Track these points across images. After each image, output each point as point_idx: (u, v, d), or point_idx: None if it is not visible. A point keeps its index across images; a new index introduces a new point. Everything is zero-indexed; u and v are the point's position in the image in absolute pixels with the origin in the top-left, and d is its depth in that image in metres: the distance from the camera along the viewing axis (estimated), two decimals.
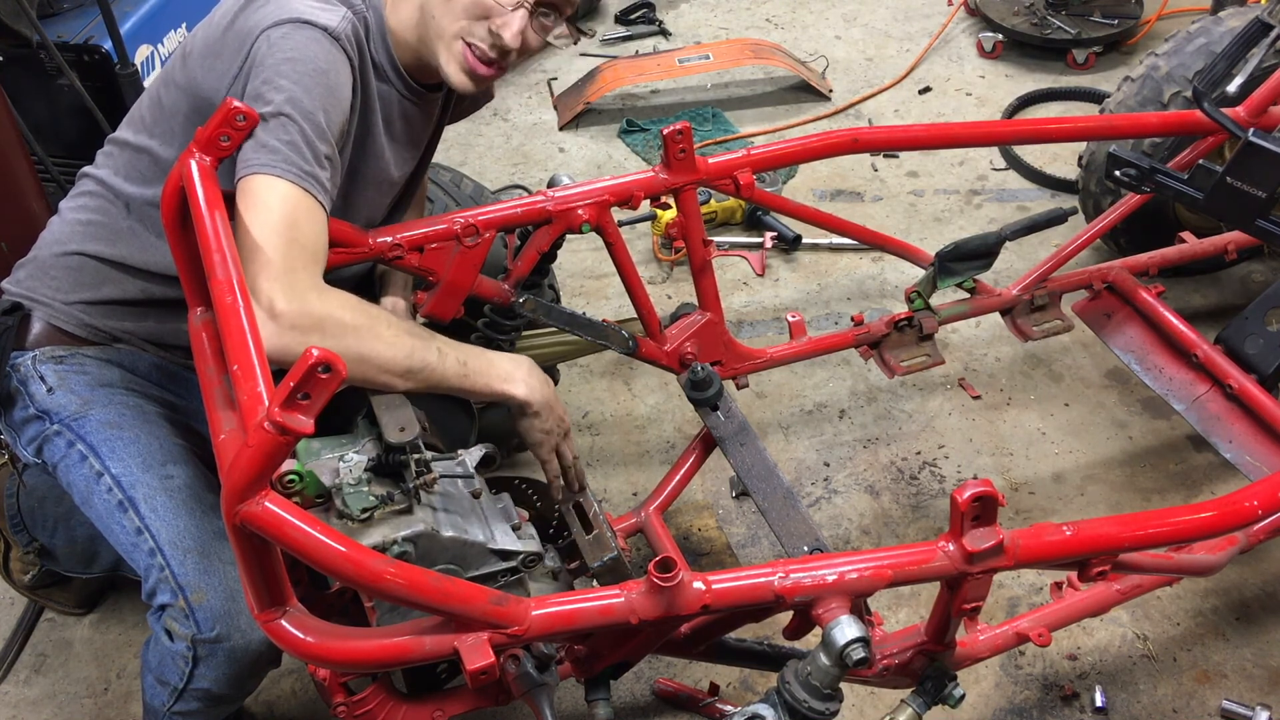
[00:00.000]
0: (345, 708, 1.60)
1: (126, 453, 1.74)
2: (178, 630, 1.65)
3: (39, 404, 1.80)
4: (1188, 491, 2.62)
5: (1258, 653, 2.27)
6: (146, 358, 1.92)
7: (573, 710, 2.15)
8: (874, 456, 2.73)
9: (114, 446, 1.74)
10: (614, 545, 1.77)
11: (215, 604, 1.64)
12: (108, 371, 1.86)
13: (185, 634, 1.64)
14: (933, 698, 1.68)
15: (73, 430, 1.76)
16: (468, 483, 1.68)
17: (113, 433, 1.76)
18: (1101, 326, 2.58)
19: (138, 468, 1.72)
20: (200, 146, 1.59)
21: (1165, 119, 2.39)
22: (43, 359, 1.84)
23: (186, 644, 1.64)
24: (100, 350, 1.88)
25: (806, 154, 2.19)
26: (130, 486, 1.71)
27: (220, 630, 1.63)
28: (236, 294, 1.38)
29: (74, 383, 1.82)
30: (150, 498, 1.70)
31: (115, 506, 1.71)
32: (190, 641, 1.64)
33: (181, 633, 1.64)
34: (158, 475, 1.72)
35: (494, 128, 4.02)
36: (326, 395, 1.11)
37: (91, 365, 1.86)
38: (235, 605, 1.64)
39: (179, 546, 1.66)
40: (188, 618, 1.63)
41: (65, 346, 1.86)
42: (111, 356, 1.89)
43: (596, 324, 2.16)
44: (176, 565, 1.65)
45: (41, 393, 1.80)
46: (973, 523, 1.38)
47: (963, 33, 4.46)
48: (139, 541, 1.68)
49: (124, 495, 1.70)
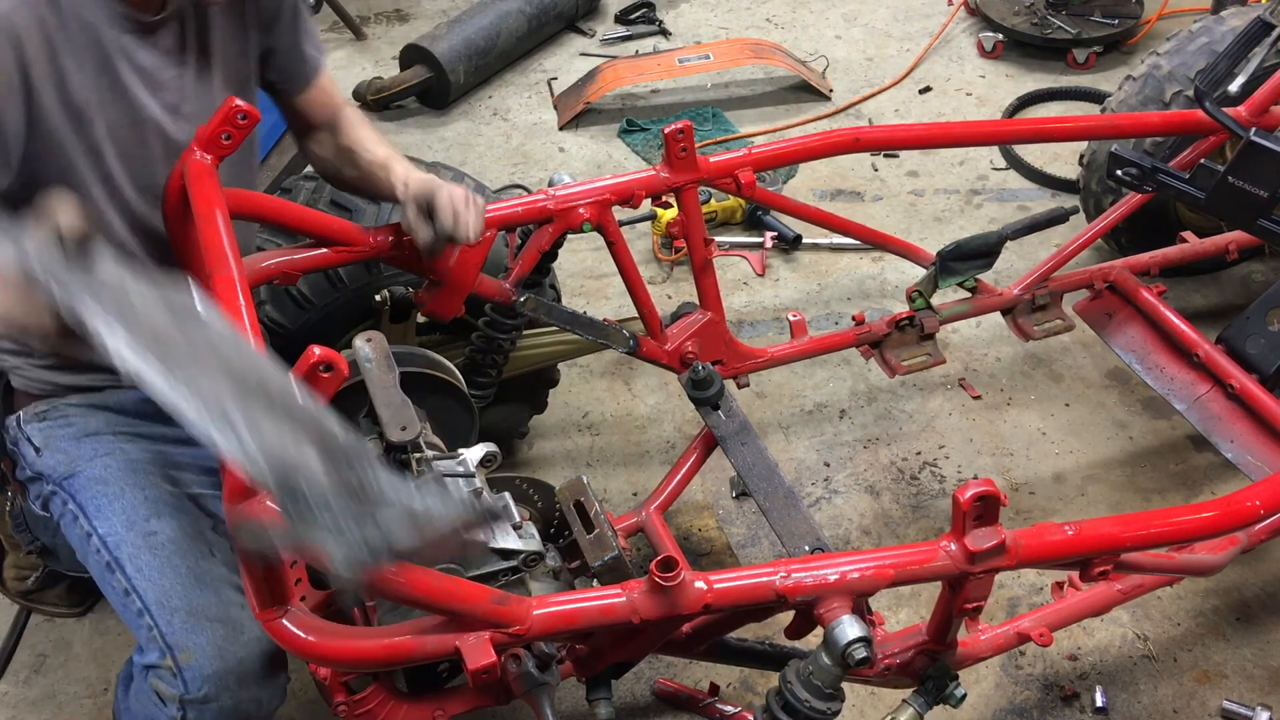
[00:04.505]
0: (346, 707, 1.59)
1: (111, 510, 1.71)
2: (165, 691, 1.61)
3: (33, 467, 1.79)
4: (1188, 492, 2.62)
5: (1258, 653, 2.27)
6: (130, 394, 1.86)
7: (574, 710, 2.15)
8: (874, 456, 2.73)
9: (99, 505, 1.71)
10: (615, 545, 1.77)
11: (203, 663, 1.59)
12: (92, 419, 1.82)
13: (174, 695, 1.60)
14: (934, 697, 1.68)
15: (65, 490, 1.74)
16: (469, 481, 1.68)
17: (99, 489, 1.73)
18: (1103, 326, 2.58)
19: (122, 526, 1.69)
20: (201, 145, 1.59)
21: (1167, 118, 2.39)
22: (27, 419, 1.82)
23: (176, 705, 1.60)
24: (83, 397, 1.84)
25: (808, 153, 2.19)
26: (115, 547, 1.68)
27: (208, 690, 1.59)
28: (239, 293, 1.38)
29: (59, 439, 1.79)
30: (135, 557, 1.67)
31: (104, 567, 1.68)
32: (179, 703, 1.60)
33: (170, 694, 1.60)
34: (141, 533, 1.69)
35: (494, 127, 4.02)
36: (328, 394, 1.11)
37: (76, 415, 1.82)
38: (224, 664, 1.60)
39: (165, 606, 1.63)
40: (175, 677, 1.59)
41: (46, 401, 1.83)
42: (95, 401, 1.84)
43: (597, 323, 2.16)
44: (164, 624, 1.61)
45: (32, 455, 1.79)
46: (975, 522, 1.38)
47: (963, 33, 4.46)
48: (127, 602, 1.65)
49: (110, 556, 1.68)
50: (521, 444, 2.76)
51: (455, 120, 4.06)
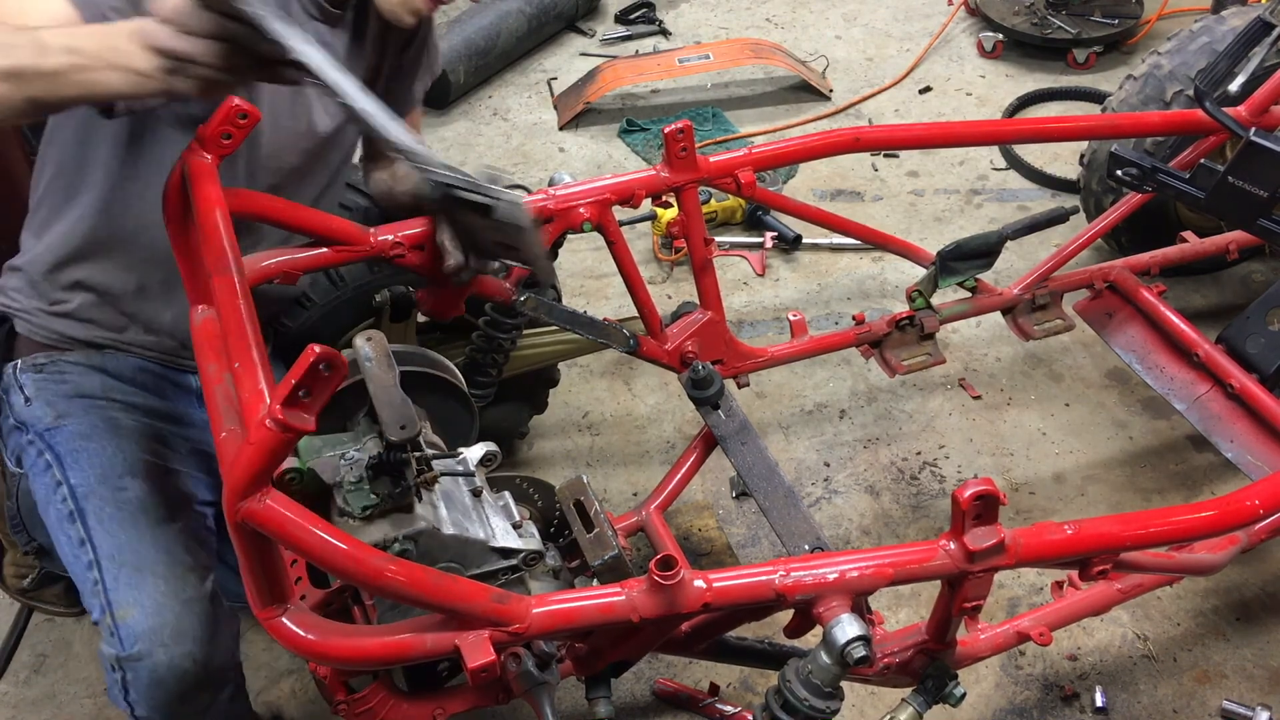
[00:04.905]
0: (346, 705, 1.60)
1: (90, 464, 1.70)
2: (106, 652, 1.59)
3: (17, 415, 1.79)
4: (1188, 491, 2.62)
5: (1258, 653, 2.27)
6: (131, 361, 1.88)
7: (573, 709, 2.15)
8: (874, 456, 2.73)
9: (78, 457, 1.71)
10: (615, 543, 1.76)
11: (138, 620, 1.57)
12: (88, 380, 1.83)
13: (112, 654, 1.58)
14: (934, 696, 1.68)
15: (44, 440, 1.74)
16: (469, 481, 1.68)
17: (80, 444, 1.73)
18: (1103, 326, 2.58)
19: (94, 478, 1.69)
20: (202, 144, 1.58)
21: (1167, 118, 2.39)
22: (24, 368, 1.82)
23: (115, 666, 1.58)
24: (83, 355, 1.85)
25: (808, 153, 2.19)
26: (83, 497, 1.67)
27: (140, 648, 1.56)
28: (238, 291, 1.38)
29: (51, 393, 1.79)
30: (99, 509, 1.66)
31: (65, 516, 1.67)
32: (117, 662, 1.58)
33: (109, 654, 1.59)
34: (112, 487, 1.68)
35: (494, 127, 4.02)
36: (328, 393, 1.11)
37: (72, 373, 1.82)
38: (160, 620, 1.57)
39: (115, 560, 1.62)
40: (112, 635, 1.58)
41: (46, 354, 1.84)
42: (94, 362, 1.85)
43: (598, 323, 2.16)
44: (110, 579, 1.60)
45: (20, 404, 1.79)
46: (974, 521, 1.37)
47: (963, 33, 4.46)
48: (80, 554, 1.64)
49: (75, 505, 1.67)
50: (521, 444, 2.76)
51: (455, 120, 4.06)
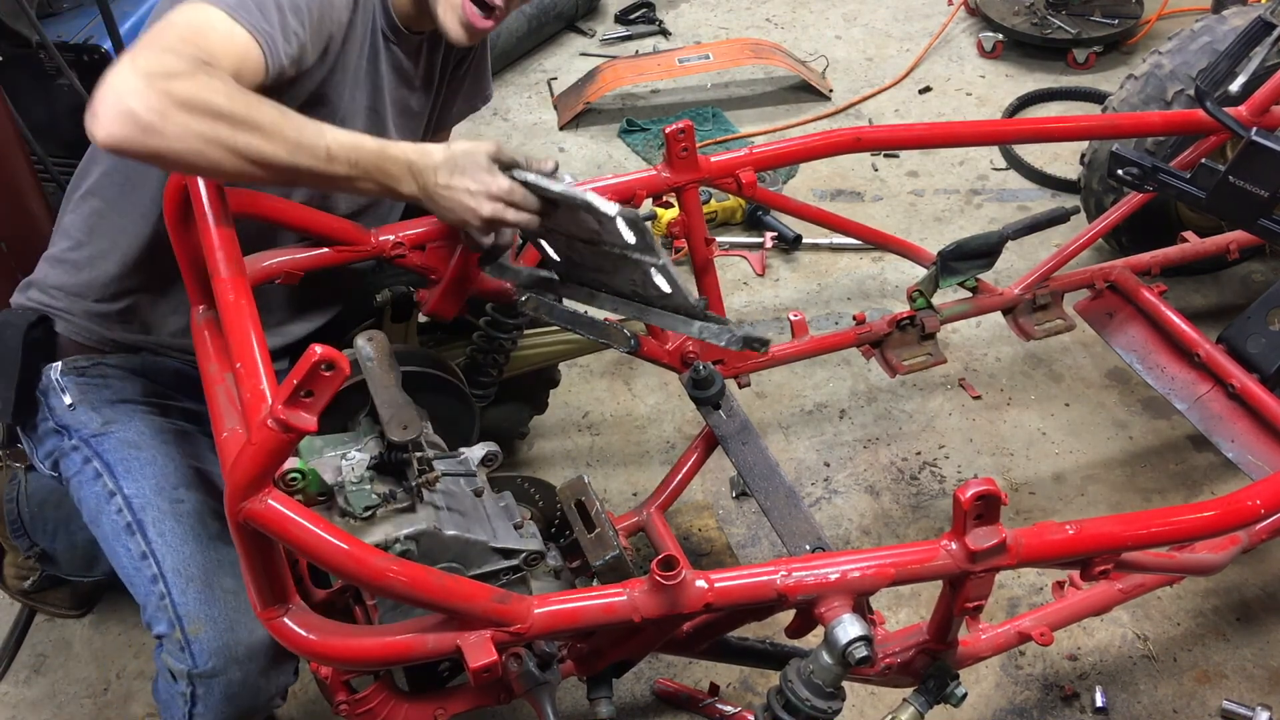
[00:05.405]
0: (347, 705, 1.59)
1: (142, 474, 1.70)
2: (175, 666, 1.60)
3: (59, 418, 1.77)
4: (1188, 491, 2.62)
5: (1258, 653, 2.27)
6: (170, 363, 1.89)
7: (574, 708, 2.14)
8: (874, 456, 2.73)
9: (130, 466, 1.70)
10: (616, 544, 1.76)
11: (212, 637, 1.58)
12: (130, 384, 1.83)
13: (182, 670, 1.59)
14: (935, 696, 1.68)
15: (91, 447, 1.73)
16: (470, 481, 1.68)
17: (130, 452, 1.72)
18: (1103, 326, 2.58)
19: (150, 490, 1.68)
20: None
21: (1167, 118, 2.39)
22: (66, 370, 1.81)
23: (185, 681, 1.59)
24: (123, 358, 1.85)
25: (809, 152, 2.19)
26: (140, 509, 1.66)
27: (215, 664, 1.58)
28: (239, 291, 1.38)
29: (95, 398, 1.78)
30: (159, 521, 1.66)
31: (123, 528, 1.66)
32: (188, 678, 1.59)
33: (179, 669, 1.59)
34: (169, 499, 1.68)
35: (494, 128, 4.01)
36: (330, 393, 1.11)
37: (114, 377, 1.82)
38: (234, 638, 1.59)
39: (182, 574, 1.62)
40: (183, 650, 1.58)
41: (87, 356, 1.83)
42: (134, 365, 1.85)
43: (598, 323, 2.15)
44: (178, 594, 1.60)
45: (62, 407, 1.78)
46: (975, 521, 1.37)
47: (963, 33, 4.46)
48: (142, 566, 1.64)
49: (133, 518, 1.66)
50: (522, 444, 2.76)
51: None
